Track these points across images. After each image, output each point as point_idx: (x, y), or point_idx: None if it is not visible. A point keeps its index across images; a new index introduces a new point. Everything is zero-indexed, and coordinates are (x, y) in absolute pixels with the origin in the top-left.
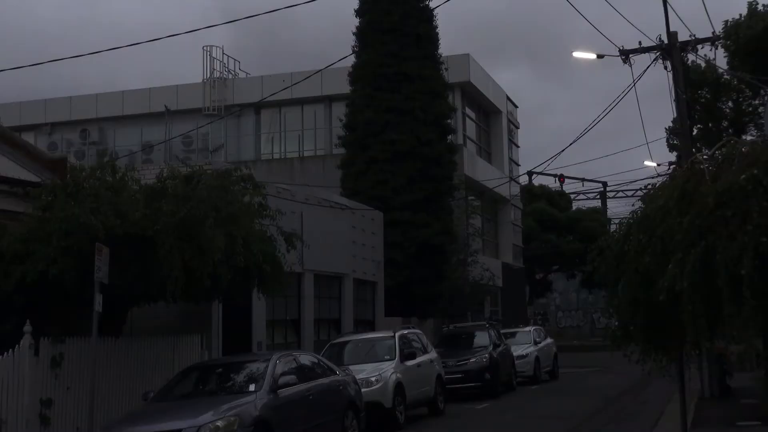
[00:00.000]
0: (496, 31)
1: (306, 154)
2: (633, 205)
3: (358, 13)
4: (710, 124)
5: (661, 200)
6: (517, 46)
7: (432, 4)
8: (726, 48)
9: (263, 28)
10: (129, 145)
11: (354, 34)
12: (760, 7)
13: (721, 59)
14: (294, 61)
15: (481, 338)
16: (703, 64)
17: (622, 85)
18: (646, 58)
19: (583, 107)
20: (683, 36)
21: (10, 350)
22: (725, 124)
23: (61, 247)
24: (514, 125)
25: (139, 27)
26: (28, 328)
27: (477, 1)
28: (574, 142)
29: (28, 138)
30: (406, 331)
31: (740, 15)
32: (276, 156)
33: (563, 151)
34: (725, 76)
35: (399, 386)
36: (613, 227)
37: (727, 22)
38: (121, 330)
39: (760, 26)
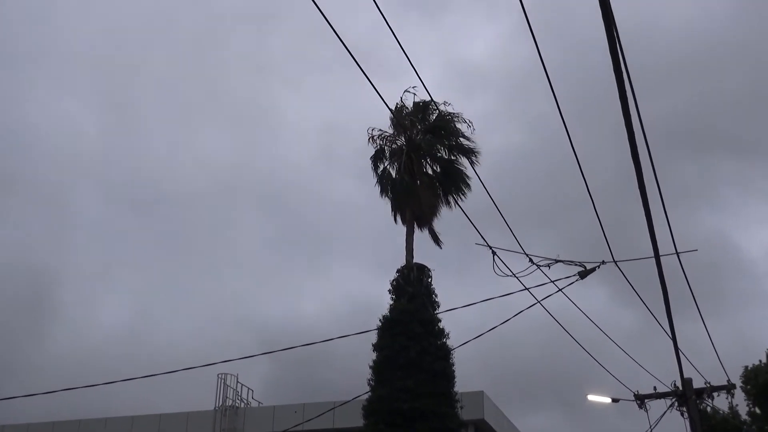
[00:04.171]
0: (513, 370)
1: None
2: None
3: (376, 347)
4: None
5: None
6: (534, 385)
7: (450, 343)
8: (746, 393)
9: (282, 359)
10: None
11: (370, 367)
12: None
13: (740, 401)
14: (308, 387)
15: None
16: (720, 411)
17: (641, 430)
18: (662, 403)
19: None
20: (698, 382)
21: None
22: None
23: None
24: None
25: (166, 353)
26: None
27: (496, 345)
28: None
29: None
30: None
31: (760, 361)
32: None
33: None
34: (746, 425)
35: None
36: None
37: (746, 367)
38: None
39: None
